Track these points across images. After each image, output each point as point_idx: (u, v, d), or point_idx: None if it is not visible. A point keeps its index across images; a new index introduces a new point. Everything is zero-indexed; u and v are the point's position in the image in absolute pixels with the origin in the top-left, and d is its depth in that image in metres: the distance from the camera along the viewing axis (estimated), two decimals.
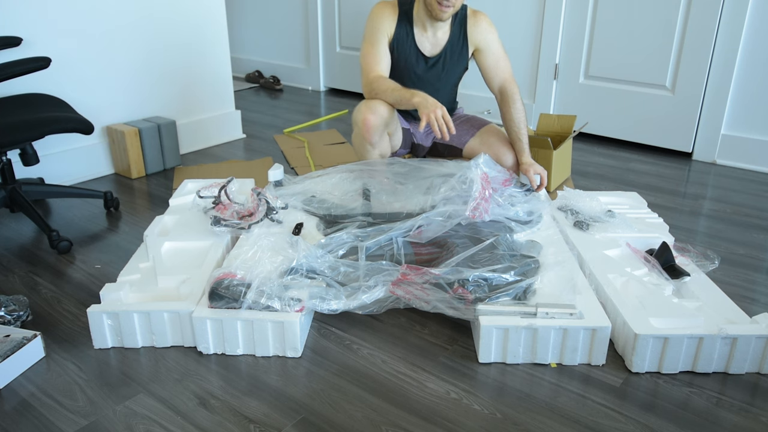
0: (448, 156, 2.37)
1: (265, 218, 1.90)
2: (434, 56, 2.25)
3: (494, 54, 2.26)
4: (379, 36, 2.19)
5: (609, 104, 3.18)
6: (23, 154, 2.05)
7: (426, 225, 1.83)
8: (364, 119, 2.13)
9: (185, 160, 2.94)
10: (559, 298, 1.56)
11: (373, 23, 2.20)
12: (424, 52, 2.23)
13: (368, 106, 2.14)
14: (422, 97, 2.03)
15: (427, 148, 2.44)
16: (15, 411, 1.34)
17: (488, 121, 2.42)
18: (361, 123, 2.15)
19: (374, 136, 2.15)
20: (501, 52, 2.27)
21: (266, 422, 1.31)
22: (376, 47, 2.19)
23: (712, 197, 2.55)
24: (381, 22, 2.19)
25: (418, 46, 2.22)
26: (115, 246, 2.09)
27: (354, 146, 2.29)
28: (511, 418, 1.33)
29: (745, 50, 2.74)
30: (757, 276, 1.93)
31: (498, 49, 2.27)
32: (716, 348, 1.45)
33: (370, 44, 2.20)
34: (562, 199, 2.12)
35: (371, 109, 2.13)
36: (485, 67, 2.28)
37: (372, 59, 2.19)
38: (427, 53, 2.24)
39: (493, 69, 2.27)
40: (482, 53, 2.26)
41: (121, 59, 2.69)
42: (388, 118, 2.17)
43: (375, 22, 2.20)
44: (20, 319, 1.64)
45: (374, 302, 1.59)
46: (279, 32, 4.50)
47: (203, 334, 1.51)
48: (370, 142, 2.17)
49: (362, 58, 2.22)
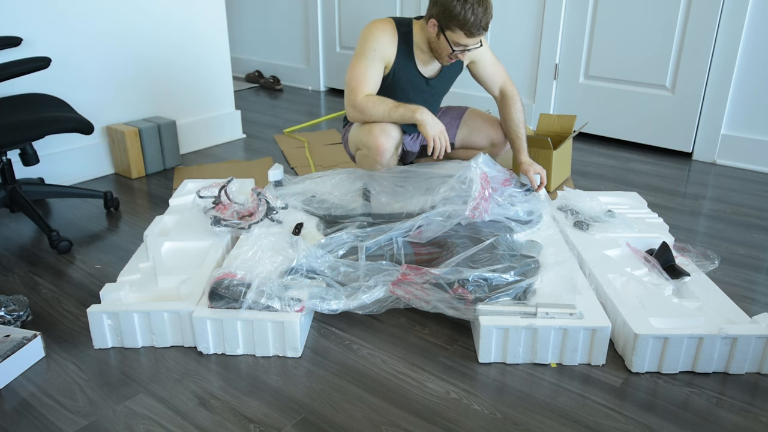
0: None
1: (265, 218, 1.90)
2: (433, 77, 2.22)
3: (488, 63, 2.25)
4: (374, 56, 2.06)
5: (609, 104, 3.18)
6: (23, 154, 2.05)
7: (426, 225, 1.83)
8: (379, 144, 2.08)
9: (185, 160, 2.94)
10: (559, 298, 1.56)
11: (369, 43, 2.07)
12: (425, 74, 2.19)
13: (381, 130, 2.08)
14: (425, 113, 2.02)
15: (415, 153, 2.43)
16: (15, 411, 1.34)
17: (464, 107, 2.43)
18: (374, 147, 2.09)
19: (387, 157, 2.13)
20: (493, 59, 2.27)
21: (266, 422, 1.31)
22: (369, 67, 2.06)
23: (712, 197, 2.55)
24: (379, 44, 2.07)
25: (420, 70, 2.17)
26: (115, 246, 2.09)
27: (359, 164, 2.25)
28: (511, 418, 1.33)
29: (745, 50, 2.74)
30: (757, 276, 1.93)
31: (490, 57, 2.26)
32: (716, 348, 1.45)
33: (362, 63, 2.07)
34: (562, 199, 2.12)
35: (384, 132, 2.08)
36: (483, 76, 2.27)
37: (363, 79, 2.06)
38: (428, 75, 2.21)
39: (491, 77, 2.27)
40: (477, 64, 2.25)
41: (121, 59, 2.69)
42: (398, 138, 2.15)
43: (372, 42, 2.06)
44: (20, 319, 1.64)
45: (374, 302, 1.59)
46: (279, 32, 4.50)
47: (203, 334, 1.51)
48: (382, 164, 2.15)
49: (351, 76, 2.08)
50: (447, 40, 2.00)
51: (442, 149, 2.04)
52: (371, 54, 2.07)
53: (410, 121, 2.05)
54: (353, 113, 2.10)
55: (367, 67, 2.07)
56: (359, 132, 2.17)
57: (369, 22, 2.13)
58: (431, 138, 2.01)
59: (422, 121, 2.02)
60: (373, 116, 2.07)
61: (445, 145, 2.04)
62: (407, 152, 2.40)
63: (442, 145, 2.03)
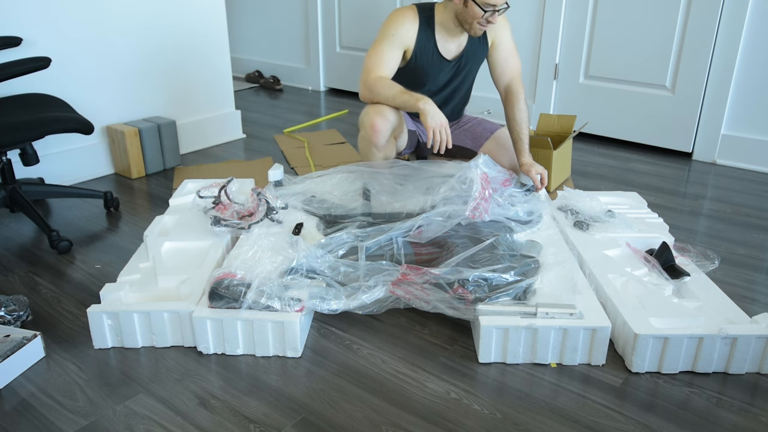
0: (460, 157, 2.37)
1: (265, 218, 1.90)
2: (456, 58, 2.24)
3: (506, 50, 2.26)
4: (393, 41, 2.13)
5: (609, 104, 3.18)
6: (23, 154, 2.05)
7: (426, 225, 1.83)
8: (373, 123, 2.12)
9: (185, 160, 2.94)
10: (559, 298, 1.56)
11: (389, 29, 2.14)
12: (447, 56, 2.22)
13: (377, 110, 2.12)
14: (428, 104, 2.02)
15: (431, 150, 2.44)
16: (15, 411, 1.34)
17: (500, 125, 2.44)
18: (369, 127, 2.14)
19: (381, 139, 2.15)
20: (512, 48, 2.27)
21: (266, 422, 1.31)
22: (387, 51, 2.13)
23: (712, 197, 2.55)
24: (399, 29, 2.13)
25: (441, 52, 2.20)
26: (115, 246, 2.09)
27: (359, 148, 2.29)
28: (511, 418, 1.33)
29: (745, 50, 2.74)
30: (757, 276, 1.93)
31: (510, 44, 2.26)
32: (716, 348, 1.45)
33: (380, 46, 2.14)
34: (562, 199, 2.12)
35: (380, 113, 2.12)
36: (495, 62, 2.28)
37: (378, 60, 2.13)
38: (450, 57, 2.23)
39: (503, 65, 2.27)
40: (495, 48, 2.26)
41: (121, 59, 2.69)
42: (395, 123, 2.16)
43: (392, 28, 2.14)
44: (20, 319, 1.64)
45: (374, 302, 1.59)
46: (279, 32, 4.50)
47: (203, 334, 1.51)
48: (377, 146, 2.17)
49: (368, 57, 2.15)
50: (476, 3, 2.01)
51: (443, 143, 2.03)
52: (390, 39, 2.14)
53: (413, 109, 2.06)
54: (364, 91, 2.16)
55: (384, 51, 2.14)
56: (361, 112, 2.22)
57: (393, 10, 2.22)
58: (430, 129, 2.01)
59: (424, 111, 2.02)
60: (379, 97, 2.12)
61: (446, 140, 2.03)
62: (424, 145, 2.43)
63: (442, 138, 2.02)
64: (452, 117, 2.38)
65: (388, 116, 2.13)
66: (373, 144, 2.17)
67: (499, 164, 2.15)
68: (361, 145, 2.26)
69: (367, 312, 1.60)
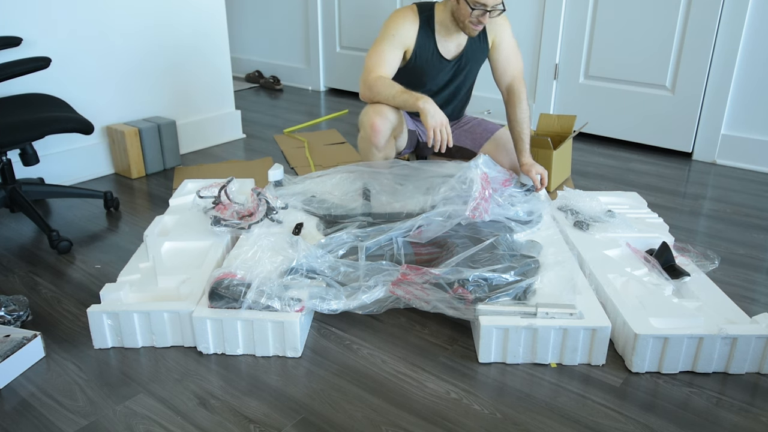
0: (459, 157, 2.37)
1: (265, 218, 1.90)
2: (455, 58, 2.24)
3: (507, 49, 2.26)
4: (393, 41, 2.14)
5: (609, 104, 3.18)
6: (23, 154, 2.05)
7: (426, 225, 1.83)
8: (372, 123, 2.12)
9: (185, 160, 2.94)
10: (559, 298, 1.56)
11: (390, 29, 2.15)
12: (446, 56, 2.22)
13: (376, 110, 2.12)
14: (428, 103, 2.02)
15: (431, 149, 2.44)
16: (15, 411, 1.34)
17: (501, 125, 2.44)
18: (368, 127, 2.14)
19: (381, 139, 2.15)
20: (514, 48, 2.27)
21: (266, 422, 1.31)
22: (387, 51, 2.14)
23: (712, 197, 2.55)
24: (399, 29, 2.14)
25: (441, 52, 2.20)
26: (115, 246, 2.09)
27: (359, 148, 2.29)
28: (511, 418, 1.33)
29: (745, 50, 2.74)
30: (757, 276, 1.93)
31: (511, 44, 2.26)
32: (716, 348, 1.45)
33: (381, 46, 2.14)
34: (562, 199, 2.12)
35: (379, 113, 2.12)
36: (496, 62, 2.28)
37: (378, 60, 2.13)
38: (450, 57, 2.23)
39: (504, 65, 2.27)
40: (496, 48, 2.26)
41: (121, 59, 2.69)
42: (395, 122, 2.16)
43: (393, 28, 2.15)
44: (20, 319, 1.64)
45: (374, 302, 1.59)
46: (279, 32, 4.50)
47: (203, 334, 1.51)
48: (377, 146, 2.17)
49: (368, 56, 2.16)
50: (466, 1, 2.02)
51: (443, 142, 2.03)
52: (390, 39, 2.14)
53: (413, 108, 2.06)
54: (364, 90, 2.16)
55: (384, 50, 2.14)
56: (361, 113, 2.21)
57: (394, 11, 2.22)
58: (430, 128, 2.01)
59: (424, 110, 2.02)
60: (379, 96, 2.12)
61: (447, 139, 2.03)
62: (424, 145, 2.42)
63: (443, 137, 2.02)
64: (453, 117, 2.39)
65: (388, 116, 2.13)
66: (373, 144, 2.17)
67: (499, 165, 2.15)
68: (361, 145, 2.26)
69: (367, 312, 1.60)
